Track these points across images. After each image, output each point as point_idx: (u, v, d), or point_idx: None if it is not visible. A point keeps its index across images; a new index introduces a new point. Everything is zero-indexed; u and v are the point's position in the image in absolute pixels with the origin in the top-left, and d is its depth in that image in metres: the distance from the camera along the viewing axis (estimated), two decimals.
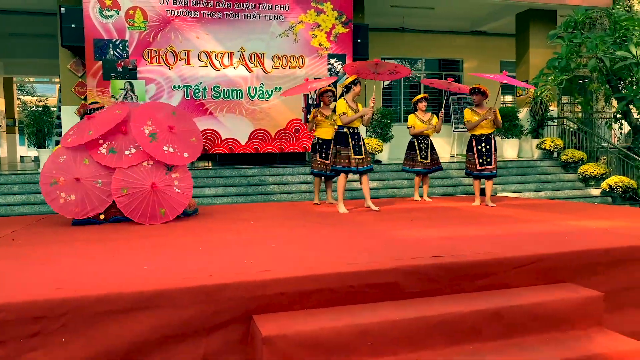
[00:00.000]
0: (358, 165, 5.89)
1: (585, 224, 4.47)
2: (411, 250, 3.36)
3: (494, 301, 2.83)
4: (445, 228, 4.44)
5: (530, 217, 5.08)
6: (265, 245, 3.75)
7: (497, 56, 14.62)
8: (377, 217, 5.45)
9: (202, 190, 8.79)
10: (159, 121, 5.50)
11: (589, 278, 3.23)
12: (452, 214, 5.60)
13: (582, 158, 10.89)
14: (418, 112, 7.29)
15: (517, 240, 3.65)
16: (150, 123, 5.43)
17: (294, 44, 9.97)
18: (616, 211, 5.59)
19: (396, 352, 2.59)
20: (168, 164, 5.46)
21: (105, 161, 5.24)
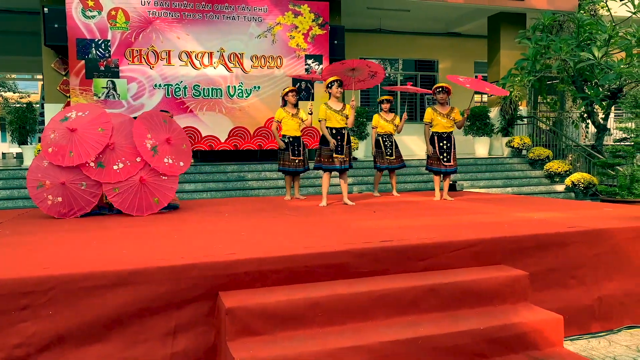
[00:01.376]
0: (341, 164, 6.27)
1: (529, 215, 4.91)
2: (365, 236, 3.75)
3: (431, 279, 3.24)
4: (401, 219, 4.84)
5: (481, 210, 5.51)
6: (235, 233, 4.12)
7: (471, 57, 15.12)
8: (344, 209, 5.84)
9: (182, 186, 9.10)
10: (157, 133, 5.77)
11: (521, 260, 3.65)
12: (412, 207, 6.01)
13: (548, 156, 11.40)
14: (382, 112, 7.72)
15: (460, 228, 4.06)
16: (150, 137, 5.70)
17: (272, 44, 10.32)
18: (566, 205, 6.05)
19: (344, 322, 2.98)
20: (168, 175, 5.78)
21: (94, 175, 5.47)
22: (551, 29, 12.30)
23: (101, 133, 5.61)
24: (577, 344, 3.67)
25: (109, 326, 2.85)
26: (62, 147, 5.50)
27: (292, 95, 7.11)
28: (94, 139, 5.54)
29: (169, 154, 5.75)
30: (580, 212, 5.18)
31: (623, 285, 3.94)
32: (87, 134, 5.58)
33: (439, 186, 6.96)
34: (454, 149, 6.87)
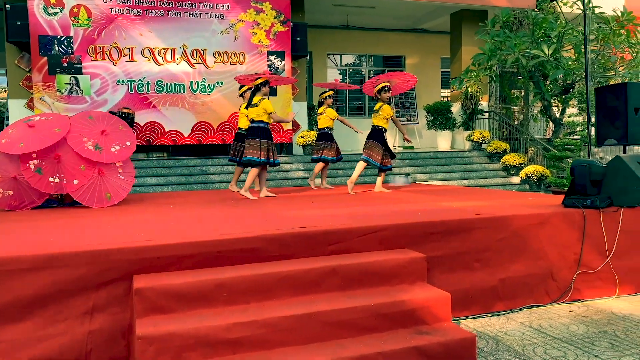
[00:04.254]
0: (268, 158, 6.59)
1: (453, 204, 5.23)
2: (285, 223, 4.04)
3: (335, 261, 3.53)
4: (330, 208, 5.14)
5: (411, 200, 5.82)
6: (166, 223, 4.38)
7: (437, 53, 15.46)
8: (283, 201, 6.13)
9: (144, 180, 9.32)
10: (90, 132, 6.00)
11: (426, 245, 3.96)
12: (349, 198, 6.32)
13: (505, 149, 11.78)
14: (329, 107, 8.04)
15: (376, 216, 4.37)
16: (87, 139, 5.91)
17: (234, 41, 10.55)
18: (499, 195, 6.39)
19: (248, 301, 3.26)
20: (123, 160, 6.03)
21: (28, 176, 5.60)
22: (511, 26, 12.67)
23: (56, 132, 5.83)
24: (478, 321, 3.99)
25: (28, 306, 3.11)
26: (15, 139, 5.72)
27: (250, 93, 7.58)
28: (48, 134, 5.77)
29: (112, 142, 5.98)
30: (504, 201, 5.52)
31: (525, 268, 4.27)
32: (42, 130, 5.81)
33: (383, 179, 7.27)
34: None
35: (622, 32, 10.81)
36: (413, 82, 7.72)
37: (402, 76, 7.59)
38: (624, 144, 5.70)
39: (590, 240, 4.48)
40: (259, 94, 6.72)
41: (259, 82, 6.71)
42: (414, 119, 14.82)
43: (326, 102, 8.10)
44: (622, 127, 5.61)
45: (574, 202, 4.58)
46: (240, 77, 7.32)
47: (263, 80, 6.72)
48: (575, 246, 4.44)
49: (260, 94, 6.71)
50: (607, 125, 5.80)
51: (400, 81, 7.69)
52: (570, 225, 4.43)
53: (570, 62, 10.06)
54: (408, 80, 7.72)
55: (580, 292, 4.47)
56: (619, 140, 5.72)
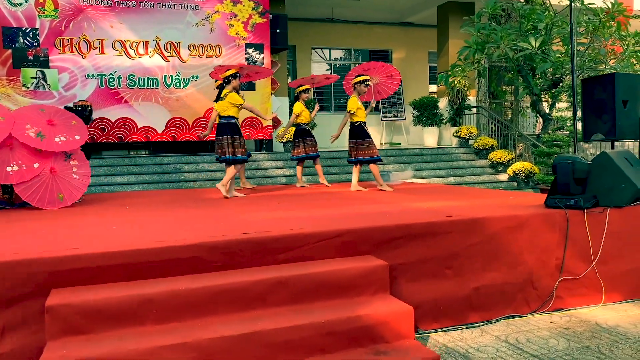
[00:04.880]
0: (234, 155, 6.21)
1: (427, 204, 4.85)
2: (237, 228, 3.64)
3: (284, 271, 3.14)
4: (293, 210, 4.74)
5: (387, 200, 5.44)
6: (106, 227, 3.97)
7: (424, 47, 15.07)
8: (249, 201, 5.74)
9: (114, 178, 8.91)
10: (35, 121, 5.59)
11: (391, 251, 3.57)
12: (323, 197, 5.93)
13: (492, 145, 11.42)
14: (301, 102, 7.64)
15: (338, 218, 3.98)
16: (30, 126, 5.51)
17: (210, 33, 10.12)
18: (479, 194, 6.01)
19: (181, 319, 2.87)
20: (67, 151, 5.63)
21: None
22: (500, 19, 12.29)
23: (1, 121, 5.43)
24: (449, 335, 3.61)
25: None
26: None
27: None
28: None
29: (58, 133, 5.58)
30: (483, 200, 5.14)
31: (502, 275, 3.89)
32: None
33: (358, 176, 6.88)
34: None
35: (612, 24, 10.44)
36: (397, 79, 7.29)
37: (382, 69, 7.17)
38: (612, 138, 5.34)
39: (573, 244, 4.11)
40: (229, 86, 6.32)
41: (229, 73, 6.30)
42: (401, 115, 14.44)
43: (302, 97, 7.70)
44: (610, 121, 5.25)
45: (556, 202, 4.21)
46: (213, 72, 6.91)
47: (233, 72, 6.31)
48: (557, 251, 4.07)
49: (230, 86, 6.31)
50: (594, 119, 5.44)
51: (382, 79, 7.26)
52: (551, 228, 4.06)
53: (558, 54, 9.69)
54: (390, 75, 7.28)
55: (562, 300, 4.09)
56: (606, 135, 5.36)
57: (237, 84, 6.35)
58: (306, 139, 7.55)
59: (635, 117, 5.23)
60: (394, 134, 14.72)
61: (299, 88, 7.75)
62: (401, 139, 14.47)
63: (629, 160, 4.45)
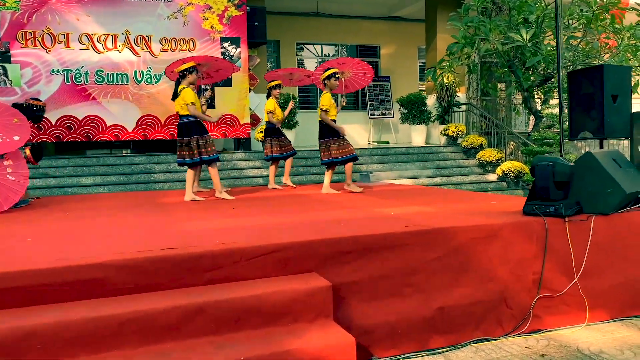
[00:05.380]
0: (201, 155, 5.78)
1: (394, 210, 4.37)
2: (168, 240, 3.17)
3: (205, 295, 2.66)
4: (244, 218, 4.27)
5: (352, 204, 4.96)
6: (21, 240, 3.49)
7: (413, 42, 14.58)
8: (205, 207, 5.26)
9: (78, 180, 8.43)
10: None
11: (340, 267, 3.10)
12: (285, 202, 5.45)
13: (481, 144, 10.94)
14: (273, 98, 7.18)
15: (285, 228, 3.50)
16: None
17: (183, 26, 9.63)
18: (460, 197, 5.53)
19: (75, 354, 2.39)
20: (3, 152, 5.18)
21: None
22: (490, 12, 11.80)
23: None
24: None
25: None
26: None
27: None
28: None
29: None
30: (457, 205, 4.67)
31: (471, 292, 3.42)
32: None
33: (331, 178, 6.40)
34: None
35: (606, 17, 9.97)
36: (370, 77, 6.85)
37: (357, 65, 6.70)
38: (600, 137, 4.87)
39: (553, 256, 3.63)
40: (184, 81, 5.84)
41: (184, 67, 5.82)
42: (389, 113, 13.95)
43: (273, 93, 7.22)
44: (598, 118, 4.78)
45: (535, 209, 3.73)
46: (168, 69, 6.43)
47: (189, 66, 5.83)
48: (535, 264, 3.59)
49: (185, 82, 5.84)
50: (582, 116, 4.97)
51: (355, 73, 6.81)
52: (528, 238, 3.58)
53: (550, 48, 9.21)
54: (364, 72, 6.85)
55: (541, 320, 3.62)
56: (594, 132, 4.89)
57: (194, 79, 5.86)
58: (275, 138, 7.07)
59: (626, 113, 4.76)
60: (382, 132, 14.24)
61: (270, 83, 7.28)
62: (389, 138, 13.99)
63: (617, 161, 3.98)
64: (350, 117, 14.09)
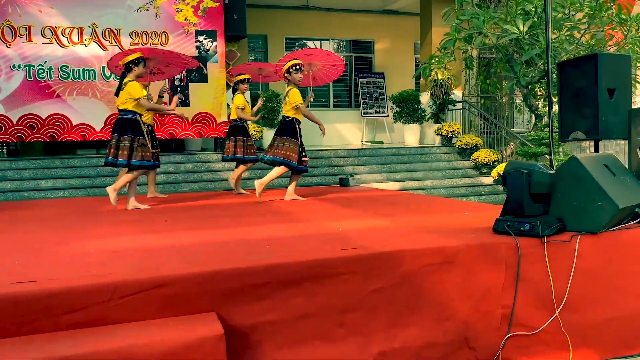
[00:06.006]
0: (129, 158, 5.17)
1: (344, 224, 3.71)
2: (39, 270, 2.56)
3: (52, 347, 2.03)
4: (164, 234, 3.63)
5: (305, 217, 4.31)
6: None
7: (409, 37, 13.86)
8: (140, 217, 4.64)
9: (37, 183, 7.86)
10: None
11: (250, 304, 2.45)
12: (230, 213, 4.81)
13: (477, 144, 10.25)
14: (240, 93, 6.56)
15: (193, 251, 2.85)
16: None
17: (155, 19, 9.02)
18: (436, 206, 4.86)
19: None
20: None
21: None
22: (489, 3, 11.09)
23: None
24: None
25: None
26: None
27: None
28: None
29: None
30: (424, 217, 4.01)
31: (423, 332, 2.76)
32: None
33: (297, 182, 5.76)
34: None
35: (612, 7, 9.22)
36: (340, 70, 6.21)
37: (326, 57, 6.06)
38: (595, 138, 4.17)
39: (528, 285, 2.96)
40: (130, 74, 5.23)
41: (130, 59, 5.21)
42: (383, 111, 13.26)
43: (240, 88, 6.59)
44: (592, 116, 4.08)
45: (506, 227, 3.06)
46: (111, 62, 5.83)
47: (135, 57, 5.22)
48: (504, 296, 2.92)
49: (132, 75, 5.23)
50: (573, 114, 4.27)
51: (324, 65, 6.16)
52: (496, 264, 2.91)
53: None
54: (334, 65, 6.20)
55: None
56: (587, 133, 4.19)
57: (141, 72, 5.25)
58: (240, 137, 6.44)
59: (624, 111, 4.05)
60: (376, 132, 13.56)
61: (237, 77, 6.65)
62: (384, 137, 13.30)
63: (609, 168, 3.30)
64: (342, 115, 13.44)
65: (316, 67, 6.14)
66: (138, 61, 5.19)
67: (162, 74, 6.36)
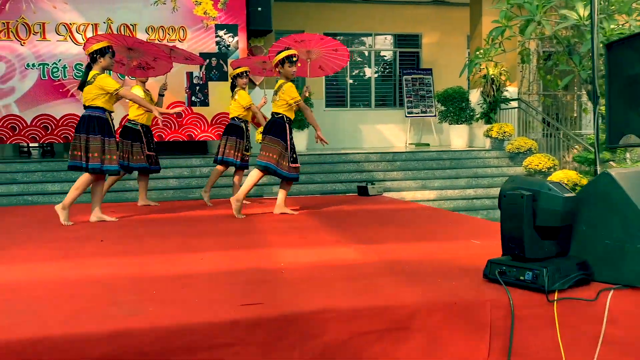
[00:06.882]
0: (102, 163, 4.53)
1: (299, 255, 2.85)
2: None
3: None
4: (71, 261, 2.91)
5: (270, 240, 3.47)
6: None
7: (461, 30, 12.63)
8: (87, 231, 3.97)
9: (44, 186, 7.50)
10: None
11: None
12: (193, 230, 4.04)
13: (530, 147, 9.00)
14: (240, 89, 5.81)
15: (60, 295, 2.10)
16: None
17: (172, 12, 8.47)
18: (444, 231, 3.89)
19: None
20: None
21: None
22: None
23: None
24: None
25: None
26: None
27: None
28: None
29: None
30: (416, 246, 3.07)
31: None
32: None
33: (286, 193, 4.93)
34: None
35: None
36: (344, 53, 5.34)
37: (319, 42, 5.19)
38: None
39: None
40: (96, 66, 4.62)
41: (94, 48, 4.59)
42: (430, 111, 12.15)
43: (238, 83, 5.86)
44: None
45: (498, 273, 2.10)
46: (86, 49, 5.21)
47: (101, 47, 4.59)
48: None
49: (97, 66, 4.61)
50: (625, 110, 3.19)
51: (325, 52, 5.31)
52: (475, 332, 1.96)
53: (613, 25, 7.17)
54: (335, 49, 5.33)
55: None
56: None
57: (106, 64, 4.61)
58: (232, 138, 5.70)
59: None
60: (422, 134, 12.47)
61: (235, 71, 5.94)
62: (430, 139, 12.19)
63: None
64: (384, 115, 12.46)
65: (316, 55, 5.29)
66: (104, 51, 4.56)
67: (152, 69, 5.75)
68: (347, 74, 12.59)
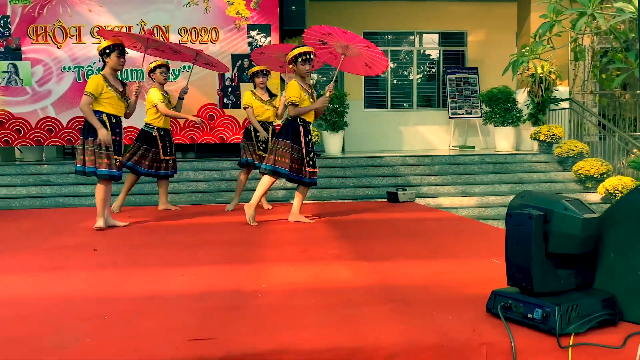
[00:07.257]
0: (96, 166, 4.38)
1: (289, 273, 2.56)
2: None
3: None
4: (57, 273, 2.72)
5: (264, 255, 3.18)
6: None
7: (509, 27, 11.99)
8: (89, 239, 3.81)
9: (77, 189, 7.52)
10: None
11: None
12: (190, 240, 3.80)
13: (581, 151, 8.34)
14: (256, 89, 5.55)
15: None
16: None
17: (205, 13, 8.36)
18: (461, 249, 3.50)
19: None
20: None
21: None
22: None
23: None
24: None
25: None
26: None
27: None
28: None
29: None
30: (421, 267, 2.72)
31: None
32: None
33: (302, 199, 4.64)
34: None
35: None
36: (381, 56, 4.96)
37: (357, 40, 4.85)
38: None
39: None
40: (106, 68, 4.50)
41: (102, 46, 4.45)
42: (476, 112, 11.57)
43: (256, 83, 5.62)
44: None
45: (500, 309, 1.73)
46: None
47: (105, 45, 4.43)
48: None
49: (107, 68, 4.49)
50: None
51: (362, 49, 4.92)
52: None
53: None
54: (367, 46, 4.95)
55: None
56: None
57: (116, 63, 4.46)
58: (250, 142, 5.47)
59: None
60: (467, 136, 11.90)
61: (252, 69, 5.70)
62: (476, 142, 11.61)
63: None
64: (427, 116, 11.98)
65: (353, 53, 4.88)
66: (109, 50, 4.39)
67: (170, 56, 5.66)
68: (389, 74, 12.18)
